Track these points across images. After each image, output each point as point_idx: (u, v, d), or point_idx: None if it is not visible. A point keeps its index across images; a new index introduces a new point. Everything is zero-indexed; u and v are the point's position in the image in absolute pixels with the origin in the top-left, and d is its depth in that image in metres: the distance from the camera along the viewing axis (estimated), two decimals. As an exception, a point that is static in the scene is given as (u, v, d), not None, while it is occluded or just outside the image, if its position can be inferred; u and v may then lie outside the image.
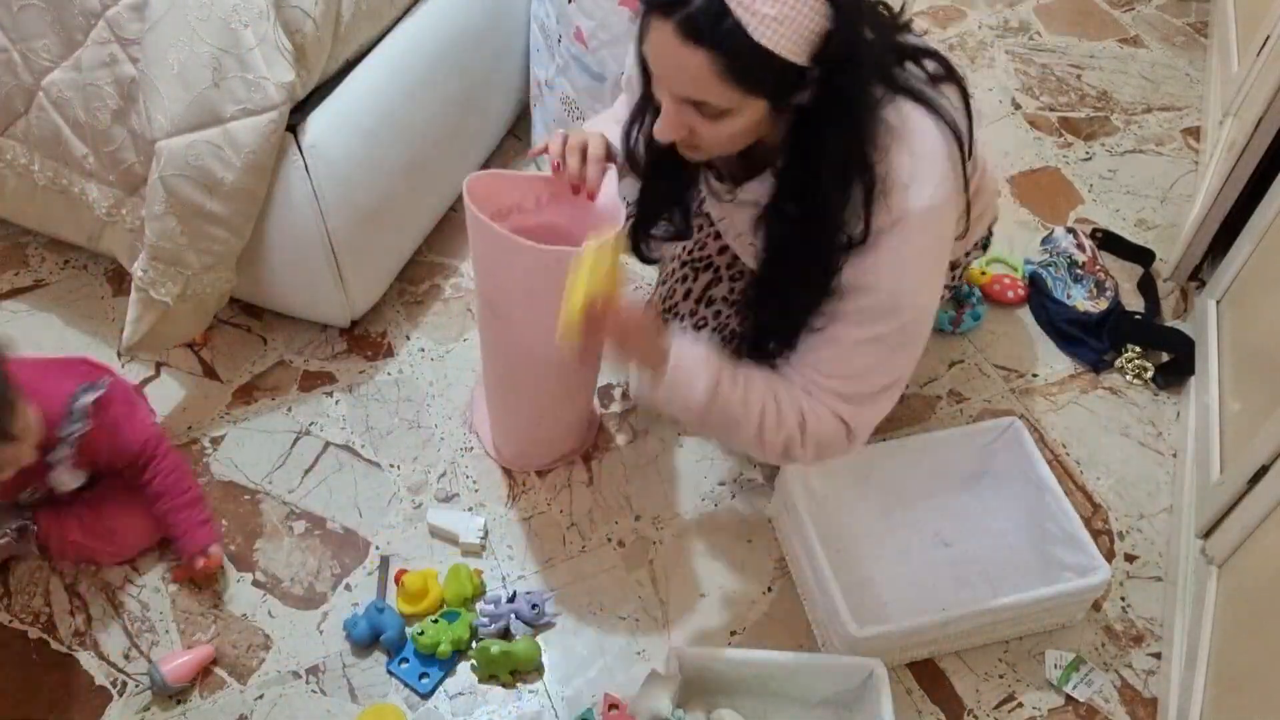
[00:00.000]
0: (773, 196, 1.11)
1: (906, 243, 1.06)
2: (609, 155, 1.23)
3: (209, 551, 1.37)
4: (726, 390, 1.11)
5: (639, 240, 1.30)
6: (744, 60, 0.92)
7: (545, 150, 1.22)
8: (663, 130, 1.04)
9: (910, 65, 1.07)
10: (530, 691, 1.32)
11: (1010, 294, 1.77)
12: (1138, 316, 1.74)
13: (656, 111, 1.06)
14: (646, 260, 1.35)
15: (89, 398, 1.28)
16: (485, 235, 1.20)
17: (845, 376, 1.12)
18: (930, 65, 1.09)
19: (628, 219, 1.23)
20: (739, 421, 1.13)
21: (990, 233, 1.48)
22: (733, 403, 1.12)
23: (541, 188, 1.27)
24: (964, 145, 1.07)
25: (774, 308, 1.18)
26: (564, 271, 1.08)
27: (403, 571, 1.39)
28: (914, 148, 1.03)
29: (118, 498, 1.39)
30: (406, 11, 1.60)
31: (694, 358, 1.11)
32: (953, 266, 1.45)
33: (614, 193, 1.20)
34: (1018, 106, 2.16)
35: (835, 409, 1.13)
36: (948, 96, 1.09)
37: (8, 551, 1.38)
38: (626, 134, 1.22)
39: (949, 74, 1.11)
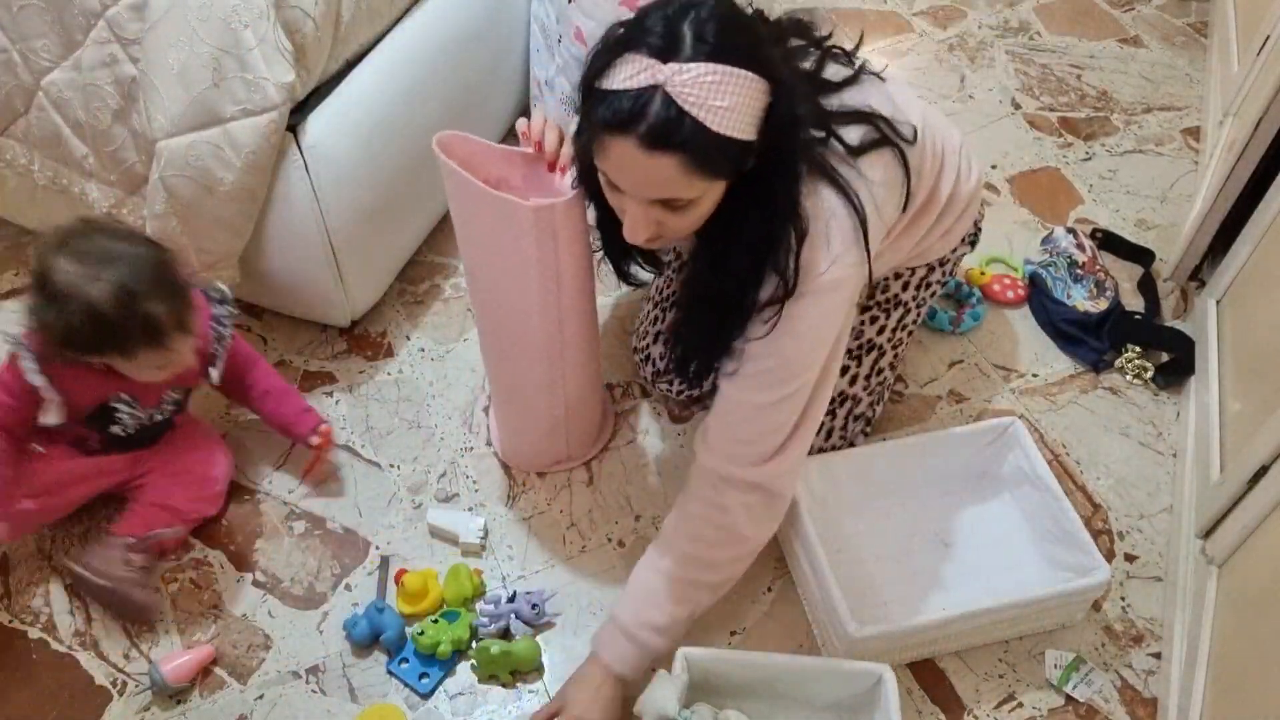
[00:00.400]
0: (694, 251, 1.16)
1: (802, 315, 1.10)
2: None
3: (320, 429, 1.46)
4: (667, 636, 1.22)
5: (618, 269, 1.35)
6: (708, 153, 0.96)
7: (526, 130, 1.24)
8: (633, 233, 1.07)
9: (832, 139, 1.09)
10: (530, 691, 1.32)
11: (1010, 294, 1.77)
12: (1138, 316, 1.74)
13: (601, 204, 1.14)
14: (633, 284, 1.40)
15: (222, 288, 1.38)
16: (461, 188, 1.18)
17: (749, 440, 1.17)
18: (854, 134, 1.11)
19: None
20: (706, 588, 1.23)
21: (978, 229, 1.50)
22: (676, 629, 1.22)
23: (520, 163, 1.26)
24: (866, 228, 1.10)
25: (689, 343, 1.23)
26: (519, 225, 1.14)
27: (403, 571, 1.39)
28: (819, 220, 1.08)
29: (179, 458, 1.44)
30: (406, 11, 1.60)
31: (627, 652, 1.21)
32: (941, 263, 1.47)
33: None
34: (1017, 106, 2.16)
35: (747, 478, 1.18)
36: (864, 173, 1.10)
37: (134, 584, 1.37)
38: (619, 266, 1.31)
39: (879, 140, 1.13)
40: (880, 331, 1.45)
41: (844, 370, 1.42)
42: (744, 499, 1.19)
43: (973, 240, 1.51)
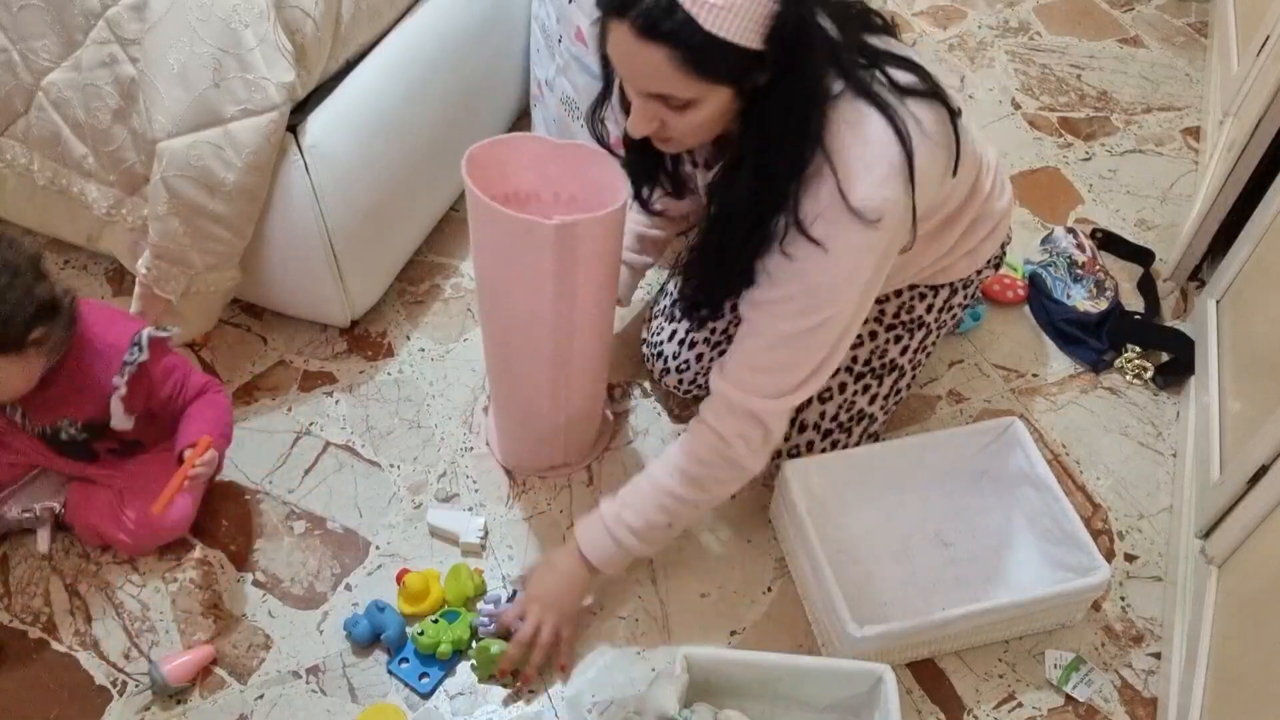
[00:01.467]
0: (725, 167, 1.13)
1: (834, 237, 1.07)
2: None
3: (199, 440, 1.30)
4: (649, 526, 1.24)
5: (641, 200, 1.34)
6: (700, 51, 0.95)
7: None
8: (634, 126, 1.06)
9: (879, 73, 1.07)
10: (530, 692, 1.32)
11: (1010, 294, 1.77)
12: (1137, 316, 1.74)
13: (625, 105, 1.11)
14: (652, 211, 1.42)
15: (150, 333, 1.31)
16: (478, 207, 1.19)
17: (766, 369, 1.16)
18: (904, 77, 1.09)
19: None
20: (663, 535, 1.26)
21: (1004, 251, 1.50)
22: (657, 529, 1.25)
23: (557, 180, 1.27)
24: (913, 164, 1.06)
25: (709, 275, 1.22)
26: (538, 242, 1.13)
27: (404, 571, 1.39)
28: (861, 145, 1.05)
29: (146, 487, 1.36)
30: (406, 11, 1.60)
31: (601, 540, 1.26)
32: (965, 285, 1.46)
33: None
34: (1018, 106, 2.16)
35: (751, 408, 1.17)
36: (914, 112, 1.07)
37: (28, 525, 1.41)
38: (590, 118, 1.25)
39: (930, 91, 1.10)
40: (904, 352, 1.44)
41: (865, 389, 1.42)
42: (742, 429, 1.19)
43: (997, 263, 1.51)
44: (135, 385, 1.30)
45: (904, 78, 1.09)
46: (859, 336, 1.41)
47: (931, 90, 1.11)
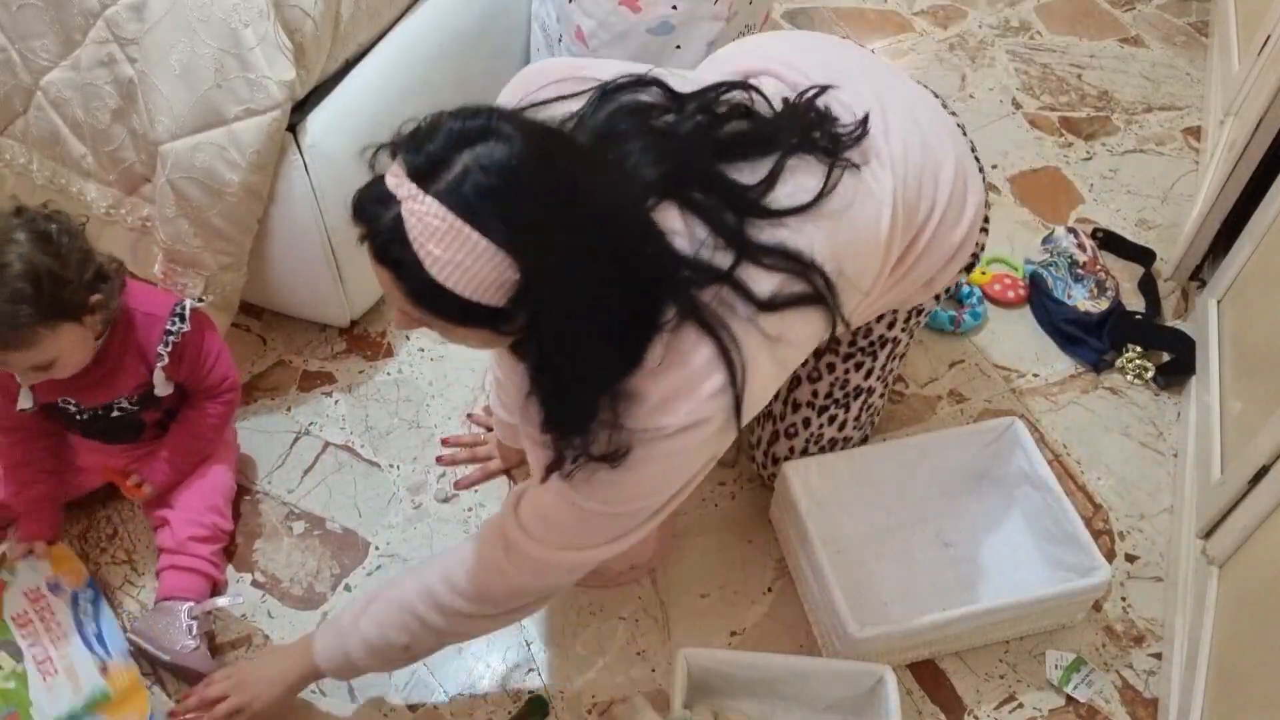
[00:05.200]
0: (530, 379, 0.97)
1: (642, 462, 0.97)
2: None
3: (144, 486, 1.37)
4: (365, 656, 1.15)
5: None
6: (425, 291, 0.85)
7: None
8: (397, 320, 0.95)
9: (729, 289, 0.96)
10: (530, 692, 1.32)
11: (1010, 294, 1.77)
12: (1138, 316, 1.74)
13: None
14: None
15: (192, 304, 1.33)
16: None
17: (556, 528, 1.04)
18: (765, 286, 0.97)
19: None
20: (434, 633, 1.12)
21: (975, 258, 1.30)
22: (373, 657, 1.15)
23: None
24: (740, 381, 0.96)
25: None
26: None
27: None
28: (682, 374, 0.95)
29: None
30: (406, 11, 1.59)
31: (333, 644, 1.16)
32: (933, 299, 1.34)
33: None
34: (1018, 106, 2.16)
35: (531, 553, 1.05)
36: (764, 329, 0.97)
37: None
38: None
39: (797, 298, 0.99)
40: (868, 376, 1.35)
41: (832, 419, 1.38)
42: (518, 569, 1.07)
43: (968, 267, 1.29)
44: (176, 355, 1.32)
45: (765, 286, 0.97)
46: (817, 370, 1.34)
47: (804, 296, 1.00)
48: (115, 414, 1.35)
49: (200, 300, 1.36)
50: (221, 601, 1.36)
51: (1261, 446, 1.22)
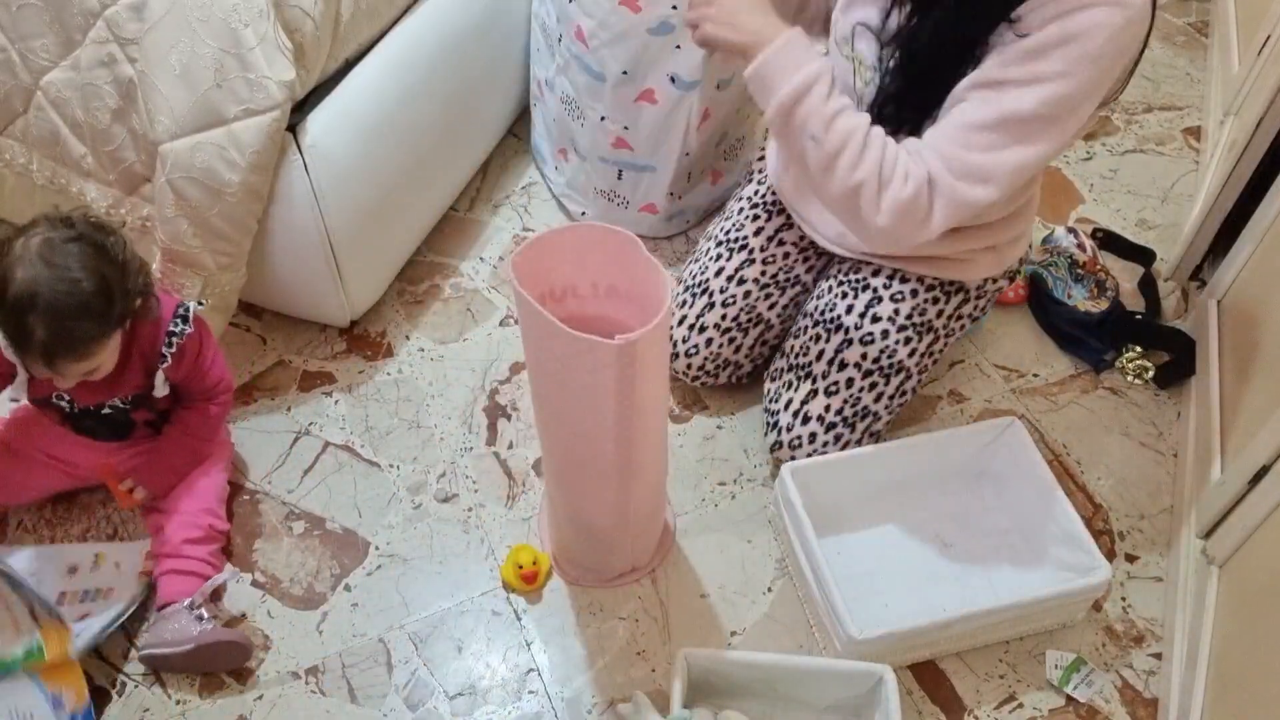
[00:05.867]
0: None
1: (1072, 40, 1.06)
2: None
3: (136, 491, 1.38)
4: (815, 103, 1.13)
5: None
6: None
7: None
8: None
9: None
10: (530, 692, 1.32)
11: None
12: (1138, 316, 1.74)
13: None
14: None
15: (194, 306, 1.34)
16: (533, 320, 1.08)
17: (961, 149, 1.13)
18: None
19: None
20: (816, 140, 1.14)
21: (1020, 265, 1.52)
22: (815, 117, 1.14)
23: (596, 269, 1.18)
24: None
25: (910, 89, 1.20)
26: (600, 360, 1.04)
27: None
28: None
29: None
30: (406, 11, 1.59)
31: (792, 57, 1.14)
32: (979, 294, 1.47)
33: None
34: (1018, 106, 2.16)
35: (933, 174, 1.14)
36: None
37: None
38: None
39: None
40: (911, 354, 1.43)
41: (872, 386, 1.42)
42: (912, 193, 1.15)
43: (1012, 276, 1.52)
44: (178, 356, 1.33)
45: None
46: (869, 335, 1.41)
47: None
48: (106, 411, 1.35)
49: (200, 304, 1.36)
50: (220, 578, 1.36)
51: (1261, 446, 1.22)
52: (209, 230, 1.42)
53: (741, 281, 1.51)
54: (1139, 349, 1.68)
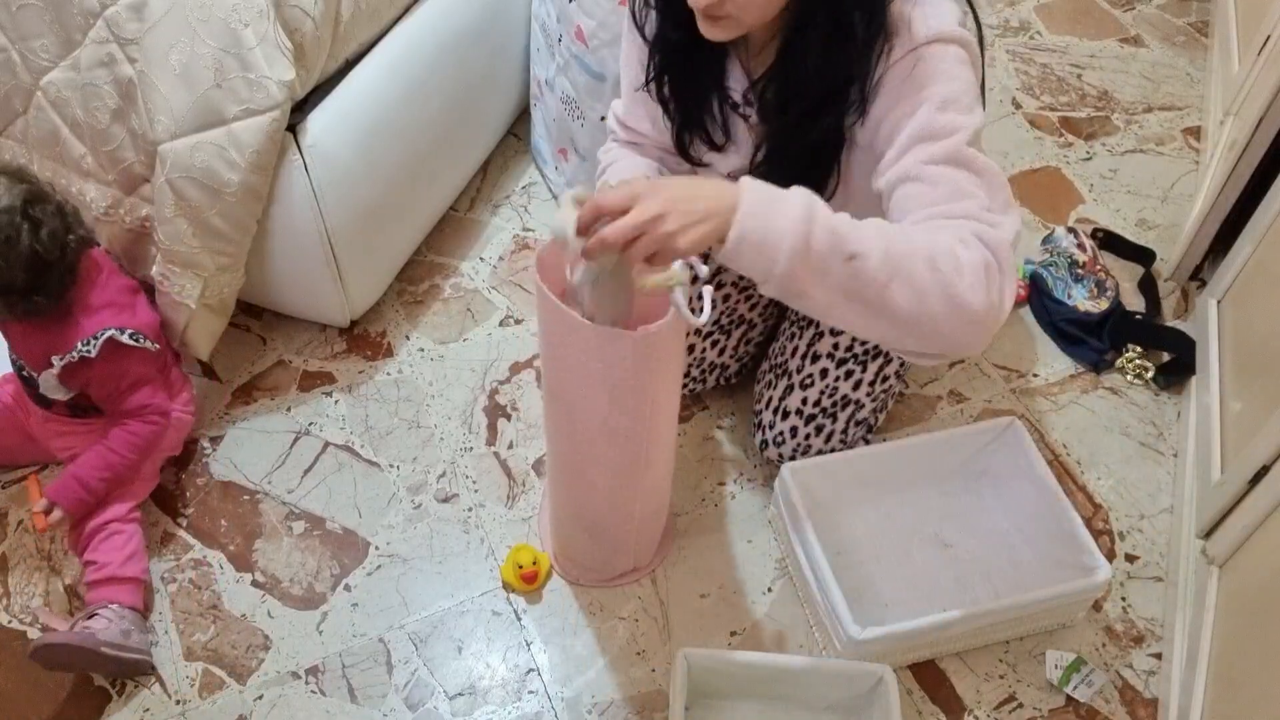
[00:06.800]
0: (783, 53, 1.09)
1: (912, 68, 1.03)
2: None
3: (52, 512, 1.32)
4: (832, 220, 0.91)
5: (684, 151, 1.27)
6: None
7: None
8: None
9: None
10: (530, 692, 1.32)
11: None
12: (1138, 316, 1.73)
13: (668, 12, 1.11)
14: (700, 164, 1.28)
15: (113, 336, 1.33)
16: (545, 307, 1.08)
17: (945, 201, 0.99)
18: None
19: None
20: (860, 255, 0.90)
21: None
22: (839, 233, 0.90)
23: None
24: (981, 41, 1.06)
25: (790, 167, 1.15)
26: (618, 353, 1.03)
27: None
28: (924, 4, 1.03)
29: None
30: (406, 11, 1.59)
31: (765, 193, 0.91)
32: None
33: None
34: (1018, 106, 2.16)
35: (970, 230, 0.96)
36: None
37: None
38: (638, 26, 1.20)
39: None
40: None
41: (848, 374, 1.42)
42: (978, 252, 0.95)
43: None
44: (72, 371, 1.33)
45: None
46: None
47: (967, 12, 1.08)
48: (25, 373, 1.39)
49: (135, 340, 1.34)
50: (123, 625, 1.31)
51: (1261, 446, 1.22)
52: (208, 230, 1.42)
53: (720, 285, 1.50)
54: (1139, 349, 1.68)
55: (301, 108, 1.42)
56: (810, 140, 1.11)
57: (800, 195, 0.91)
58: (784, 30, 1.08)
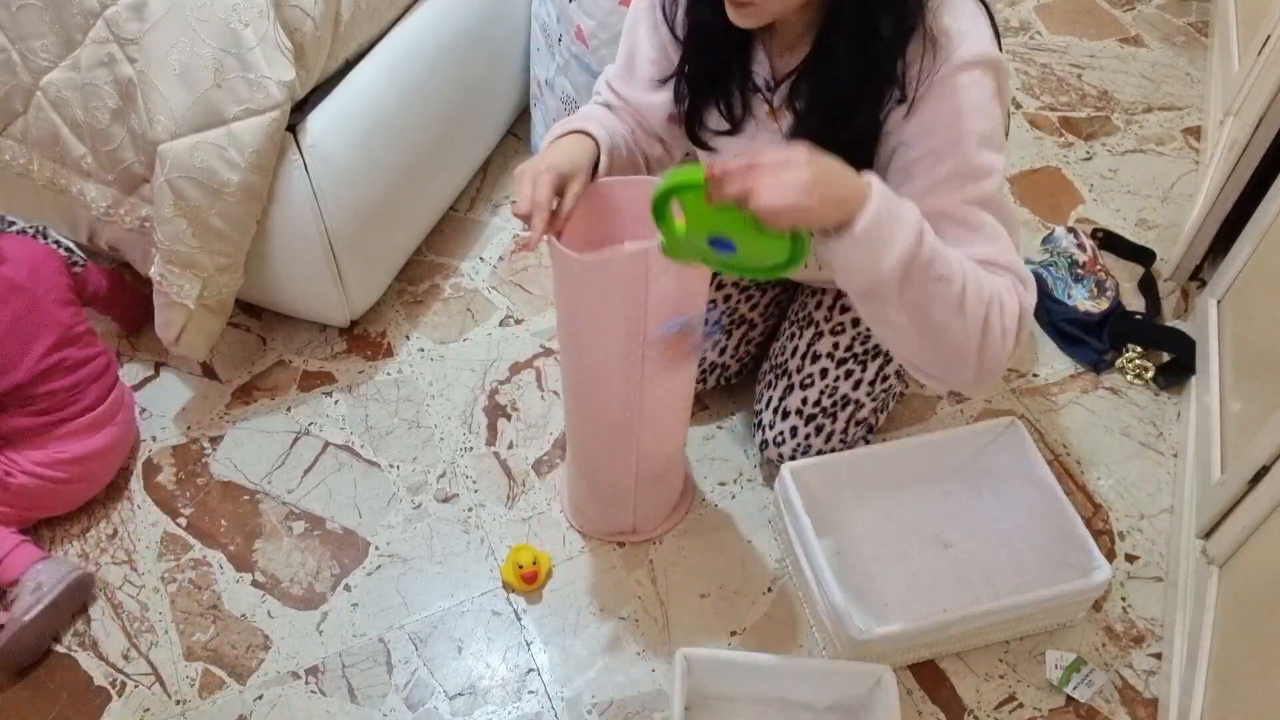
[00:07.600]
0: (815, 52, 1.08)
1: (955, 93, 1.03)
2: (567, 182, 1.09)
3: None
4: (933, 238, 0.93)
5: (693, 130, 1.25)
6: None
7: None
8: None
9: None
10: (530, 692, 1.32)
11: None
12: (1138, 316, 1.73)
13: None
14: (704, 146, 1.26)
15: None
16: (559, 261, 1.11)
17: (980, 244, 1.02)
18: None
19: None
20: (945, 279, 0.93)
21: None
22: (939, 252, 0.93)
23: (631, 215, 1.17)
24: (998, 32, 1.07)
25: None
26: (613, 276, 1.07)
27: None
28: (957, 12, 1.03)
29: None
30: (406, 11, 1.59)
31: (890, 194, 0.91)
32: None
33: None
34: (1018, 106, 2.16)
35: (1011, 278, 1.01)
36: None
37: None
38: (664, 10, 1.19)
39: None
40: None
41: (848, 374, 1.42)
42: (1012, 300, 1.00)
43: None
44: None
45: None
46: (840, 325, 1.42)
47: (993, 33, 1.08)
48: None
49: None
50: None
51: (1261, 446, 1.22)
52: (208, 230, 1.42)
53: (720, 285, 1.51)
54: (1139, 349, 1.68)
55: (301, 108, 1.42)
56: (844, 138, 1.09)
57: (912, 205, 0.93)
58: (815, 27, 1.08)
